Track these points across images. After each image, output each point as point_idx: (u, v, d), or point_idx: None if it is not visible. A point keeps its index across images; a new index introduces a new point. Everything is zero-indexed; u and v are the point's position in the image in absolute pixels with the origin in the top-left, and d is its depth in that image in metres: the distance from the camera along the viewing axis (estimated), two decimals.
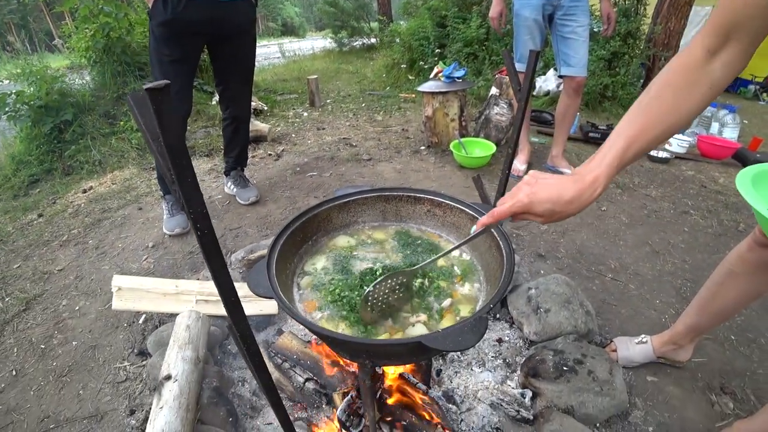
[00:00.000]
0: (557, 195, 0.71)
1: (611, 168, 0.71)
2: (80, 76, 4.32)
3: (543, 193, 0.72)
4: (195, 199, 0.48)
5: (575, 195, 0.71)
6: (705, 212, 2.62)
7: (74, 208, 2.85)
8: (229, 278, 0.55)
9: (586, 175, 0.72)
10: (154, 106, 0.44)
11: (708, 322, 1.37)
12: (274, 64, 8.60)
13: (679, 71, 0.69)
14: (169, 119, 0.45)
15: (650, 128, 0.70)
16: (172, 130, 0.46)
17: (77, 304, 1.95)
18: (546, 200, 0.72)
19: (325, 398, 1.25)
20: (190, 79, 2.20)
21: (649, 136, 0.70)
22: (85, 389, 1.53)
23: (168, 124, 0.45)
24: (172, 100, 0.46)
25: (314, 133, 4.17)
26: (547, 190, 0.72)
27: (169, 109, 0.45)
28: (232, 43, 2.25)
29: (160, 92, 0.44)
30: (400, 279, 0.86)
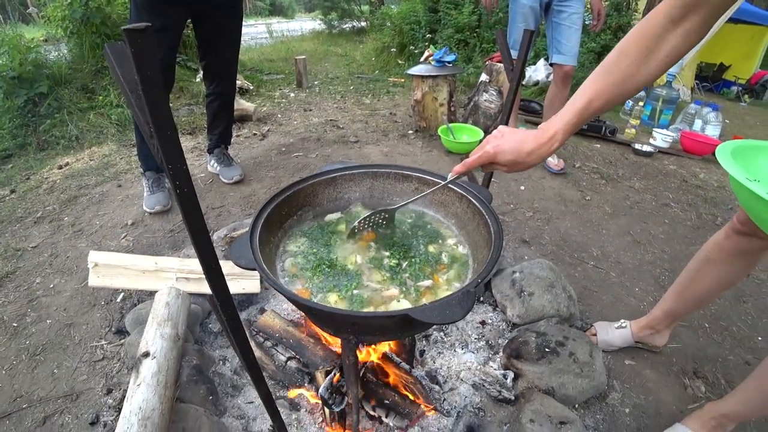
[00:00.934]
0: (519, 146, 0.81)
1: (569, 125, 0.79)
2: (57, 48, 4.13)
3: (507, 146, 0.81)
4: (175, 154, 0.46)
5: (534, 148, 0.80)
6: (685, 205, 2.68)
7: (49, 185, 2.74)
8: (209, 241, 0.53)
9: (547, 130, 0.80)
10: (134, 49, 0.41)
11: (684, 307, 1.40)
12: (261, 44, 8.38)
13: (641, 38, 0.73)
14: (150, 65, 0.42)
15: (609, 90, 0.76)
16: (153, 78, 0.43)
17: (52, 282, 1.88)
18: (509, 151, 0.81)
19: (307, 377, 1.24)
20: (173, 51, 2.11)
21: (607, 97, 0.77)
22: (60, 368, 1.49)
23: (148, 70, 0.42)
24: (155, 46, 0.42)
25: (301, 114, 4.10)
26: (511, 143, 0.81)
27: (150, 53, 0.42)
28: (217, 17, 2.17)
29: (140, 34, 0.41)
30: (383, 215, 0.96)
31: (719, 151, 0.73)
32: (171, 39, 2.06)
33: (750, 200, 0.61)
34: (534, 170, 3.00)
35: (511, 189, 2.73)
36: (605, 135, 3.68)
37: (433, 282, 0.88)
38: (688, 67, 5.30)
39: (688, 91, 5.20)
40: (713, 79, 6.52)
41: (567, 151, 3.40)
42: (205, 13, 2.13)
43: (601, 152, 3.45)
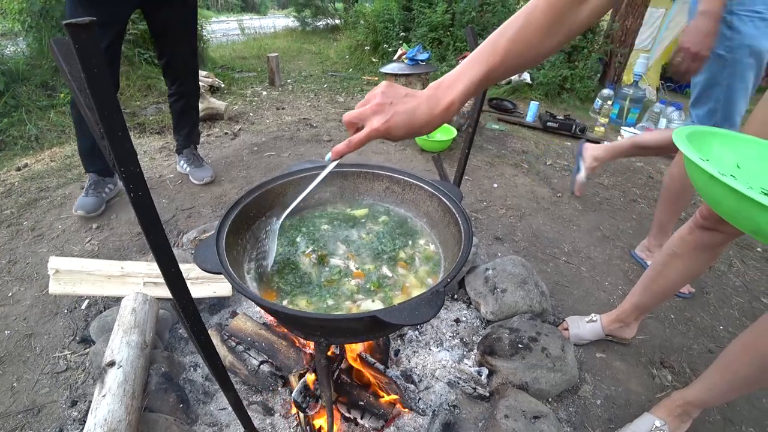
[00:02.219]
0: (411, 119, 0.72)
1: (466, 95, 0.73)
2: (14, 43, 3.92)
3: (397, 120, 0.72)
4: (127, 156, 0.43)
5: (428, 120, 0.73)
6: (651, 201, 2.78)
7: (6, 187, 2.60)
8: (168, 246, 0.51)
9: (441, 98, 0.72)
10: (77, 45, 0.39)
11: (651, 300, 1.46)
12: (233, 41, 8.19)
13: (550, 8, 0.69)
14: (96, 61, 0.40)
15: (510, 60, 0.71)
16: (100, 75, 0.40)
17: (10, 290, 1.79)
18: (401, 126, 0.72)
19: (281, 380, 1.22)
20: (115, 49, 1.96)
21: (507, 67, 0.72)
22: (20, 381, 1.41)
23: (95, 67, 0.40)
24: (98, 44, 0.40)
25: (273, 113, 4.03)
26: (401, 116, 0.72)
27: (96, 49, 0.40)
28: (167, 10, 2.04)
29: (83, 29, 0.39)
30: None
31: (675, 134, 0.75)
32: (111, 35, 1.88)
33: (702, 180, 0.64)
34: (506, 168, 3.05)
35: (483, 186, 2.76)
36: (575, 133, 3.77)
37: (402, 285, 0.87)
38: (653, 68, 5.50)
39: (653, 90, 5.40)
40: (676, 81, 6.78)
41: (539, 149, 3.47)
42: (153, 4, 2.01)
43: (571, 150, 3.53)
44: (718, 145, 0.84)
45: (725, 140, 0.85)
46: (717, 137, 0.84)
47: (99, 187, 2.26)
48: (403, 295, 0.83)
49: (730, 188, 0.57)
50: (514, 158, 3.24)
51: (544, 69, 4.81)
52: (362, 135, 0.74)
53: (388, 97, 0.73)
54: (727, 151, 0.84)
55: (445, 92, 0.72)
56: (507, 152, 3.35)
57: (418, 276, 0.89)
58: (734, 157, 0.83)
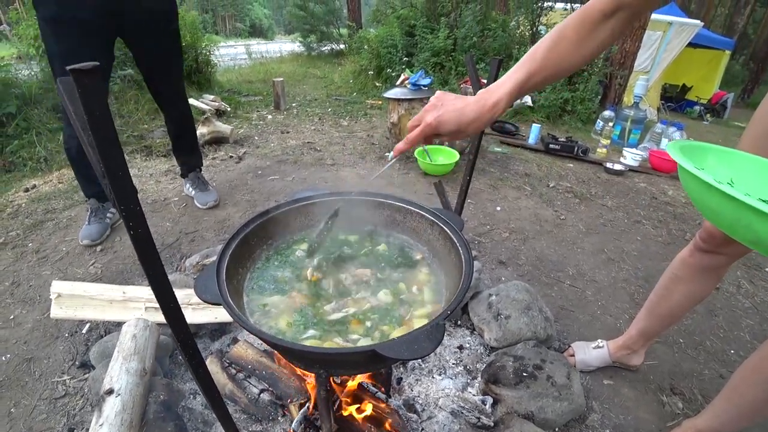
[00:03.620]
0: (461, 115, 0.80)
1: (511, 95, 0.80)
2: (28, 67, 4.03)
3: (448, 116, 0.81)
4: (127, 195, 0.44)
5: (476, 117, 0.80)
6: (656, 222, 2.76)
7: (14, 208, 2.63)
8: (167, 282, 0.51)
9: (488, 98, 0.80)
10: (80, 90, 0.40)
11: (657, 325, 1.43)
12: (240, 65, 8.40)
13: (579, 25, 0.78)
14: (99, 104, 0.41)
15: (548, 67, 0.80)
16: (101, 118, 0.41)
17: (12, 313, 1.78)
18: (451, 122, 0.81)
19: (281, 410, 1.20)
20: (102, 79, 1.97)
21: (545, 74, 0.81)
22: (18, 407, 1.39)
23: (97, 110, 0.41)
24: (101, 86, 0.41)
25: (278, 137, 4.09)
26: (452, 113, 0.81)
27: (97, 93, 0.41)
28: (146, 40, 2.03)
29: (87, 74, 0.40)
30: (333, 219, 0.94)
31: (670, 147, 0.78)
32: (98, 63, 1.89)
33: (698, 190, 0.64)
34: (509, 191, 3.06)
35: (487, 210, 2.76)
36: (578, 155, 3.79)
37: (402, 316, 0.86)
38: (653, 89, 5.57)
39: (654, 111, 5.45)
40: (677, 99, 6.86)
41: (542, 171, 3.49)
42: (131, 35, 1.99)
43: (574, 172, 3.54)
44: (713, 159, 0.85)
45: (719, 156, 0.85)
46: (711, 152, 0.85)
47: (100, 213, 2.27)
48: (404, 327, 0.83)
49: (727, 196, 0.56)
50: (516, 181, 3.25)
51: (546, 92, 4.87)
52: (417, 131, 0.84)
53: (440, 100, 0.83)
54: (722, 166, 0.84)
55: (491, 93, 0.80)
56: (509, 175, 3.36)
57: (418, 306, 0.88)
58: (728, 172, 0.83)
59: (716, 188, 0.57)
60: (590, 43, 0.79)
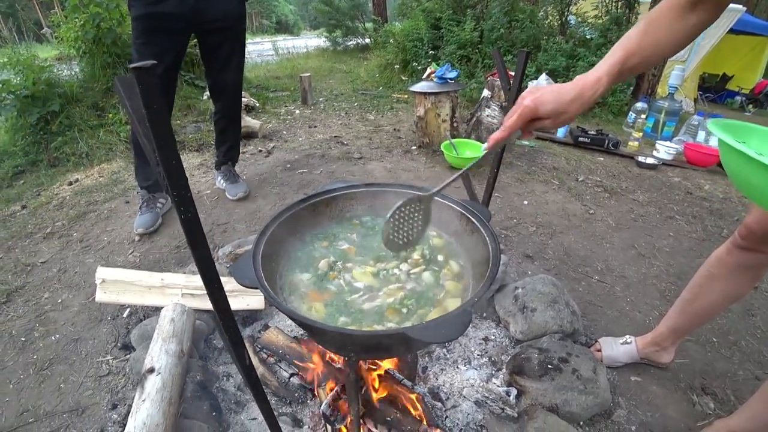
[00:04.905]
0: (559, 96, 0.77)
1: (612, 73, 0.78)
2: (69, 67, 4.24)
3: (546, 96, 0.77)
4: (179, 182, 0.48)
5: (577, 95, 0.77)
6: (690, 218, 2.67)
7: (59, 201, 2.80)
8: (211, 262, 0.55)
9: (588, 76, 0.78)
10: (140, 86, 0.44)
11: (689, 323, 1.39)
12: (267, 61, 8.54)
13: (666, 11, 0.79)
14: (155, 99, 0.45)
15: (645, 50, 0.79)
16: (158, 111, 0.45)
17: (60, 297, 1.91)
18: (550, 101, 0.77)
19: (310, 393, 1.24)
20: (172, 72, 2.16)
21: (642, 56, 0.79)
22: (66, 383, 1.50)
23: (154, 104, 0.45)
24: (159, 83, 0.45)
25: (306, 131, 4.16)
26: (550, 93, 0.78)
27: (155, 89, 0.45)
28: (217, 37, 2.23)
29: (146, 72, 0.44)
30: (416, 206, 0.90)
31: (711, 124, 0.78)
32: (171, 56, 2.10)
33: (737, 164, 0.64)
34: (536, 184, 3.02)
35: (514, 204, 2.74)
36: (608, 148, 3.69)
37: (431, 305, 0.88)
38: (690, 78, 5.33)
39: (691, 102, 5.22)
40: (716, 90, 6.54)
41: (570, 165, 3.42)
42: (205, 33, 2.20)
43: (604, 165, 3.46)
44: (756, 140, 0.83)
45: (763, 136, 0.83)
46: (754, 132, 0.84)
47: (151, 203, 2.41)
48: (433, 314, 0.85)
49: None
50: (544, 175, 3.20)
51: None
52: (515, 116, 0.80)
53: (537, 87, 0.81)
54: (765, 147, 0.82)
55: (591, 73, 0.78)
56: (537, 168, 3.31)
57: (447, 296, 0.90)
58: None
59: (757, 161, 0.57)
60: (681, 27, 0.78)
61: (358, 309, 0.85)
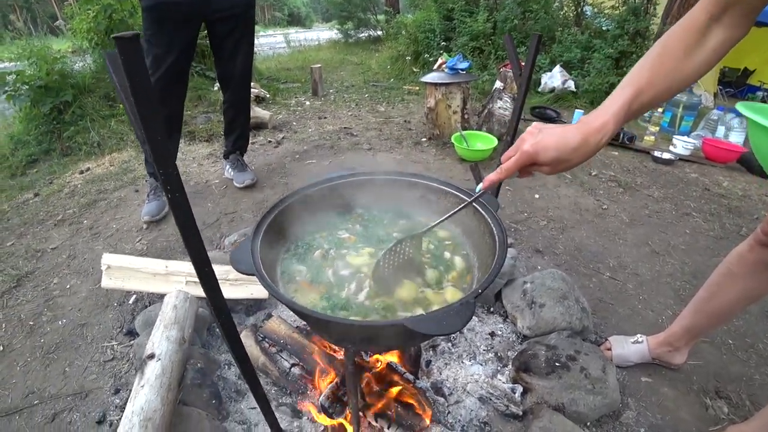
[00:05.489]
0: (562, 142, 0.70)
1: (619, 116, 0.71)
2: (82, 58, 4.28)
3: (547, 141, 0.71)
4: (166, 160, 0.46)
5: (581, 141, 0.70)
6: (707, 215, 2.59)
7: (70, 189, 2.83)
8: (201, 244, 0.53)
9: (592, 121, 0.71)
10: (123, 57, 0.41)
11: (704, 323, 1.34)
12: (279, 53, 8.52)
13: (684, 33, 0.70)
14: (140, 71, 0.42)
15: (657, 84, 0.71)
16: (142, 83, 0.43)
17: (68, 283, 1.93)
18: (551, 147, 0.71)
19: (310, 384, 1.23)
20: (186, 57, 2.17)
21: (655, 90, 0.71)
22: (72, 367, 1.52)
23: (138, 76, 0.43)
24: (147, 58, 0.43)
25: (315, 122, 4.14)
26: (552, 138, 0.71)
27: (139, 61, 0.42)
28: (227, 26, 2.22)
29: (129, 42, 0.41)
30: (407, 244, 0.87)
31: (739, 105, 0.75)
32: (180, 50, 2.10)
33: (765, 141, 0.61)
34: (548, 178, 2.95)
35: (525, 197, 2.68)
36: (623, 142, 3.60)
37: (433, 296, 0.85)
38: (710, 72, 5.17)
39: (710, 96, 5.06)
40: (737, 84, 6.33)
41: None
42: (215, 22, 2.19)
43: (618, 160, 3.37)
44: None
45: None
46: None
47: (159, 191, 2.41)
48: (434, 306, 0.82)
49: None
50: None
51: (590, 76, 4.63)
52: (513, 160, 0.75)
53: (538, 127, 0.75)
54: None
55: (596, 116, 0.71)
56: None
57: (450, 286, 0.87)
58: None
59: None
60: (702, 49, 0.69)
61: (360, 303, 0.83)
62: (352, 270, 0.91)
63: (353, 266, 0.92)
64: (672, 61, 0.70)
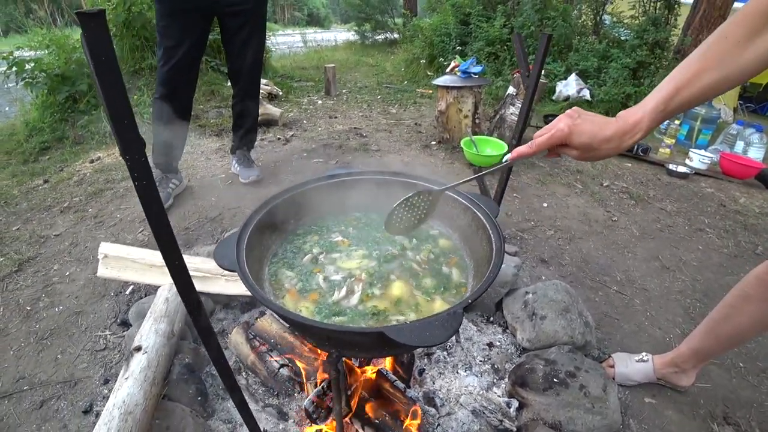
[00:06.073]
0: (598, 129, 0.70)
1: (655, 113, 0.68)
2: None
3: (584, 125, 0.71)
4: (132, 145, 0.43)
5: (614, 134, 0.70)
6: (722, 231, 2.50)
7: (79, 177, 2.85)
8: (172, 235, 0.50)
9: (628, 117, 0.70)
10: (86, 33, 0.39)
11: (715, 346, 1.28)
12: (295, 52, 8.55)
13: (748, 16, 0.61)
14: (104, 49, 0.40)
15: (702, 77, 0.65)
16: (107, 62, 0.40)
17: (68, 270, 1.93)
18: (587, 132, 0.71)
19: (298, 386, 1.20)
20: (197, 50, 2.18)
21: (701, 84, 0.65)
22: (64, 354, 1.51)
23: (103, 54, 0.40)
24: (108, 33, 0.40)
25: (326, 121, 4.12)
26: (589, 123, 0.71)
27: (103, 37, 0.40)
28: (238, 20, 2.22)
29: (92, 18, 0.39)
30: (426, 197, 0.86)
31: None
32: (192, 41, 2.11)
33: None
34: (558, 187, 2.89)
35: (533, 205, 2.63)
36: (637, 154, 3.52)
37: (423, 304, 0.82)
38: None
39: (730, 111, 4.93)
40: (758, 100, 6.16)
41: (596, 169, 3.27)
42: (225, 15, 2.20)
43: (632, 171, 3.29)
44: None
45: None
46: None
47: (164, 183, 2.42)
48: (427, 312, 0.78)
49: None
50: (567, 177, 3.07)
51: (606, 85, 4.55)
52: (546, 135, 0.74)
53: (578, 111, 0.74)
54: None
55: (634, 111, 0.70)
56: (560, 171, 3.17)
57: (441, 294, 0.83)
58: None
59: None
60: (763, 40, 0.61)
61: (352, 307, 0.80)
62: (344, 274, 0.88)
63: (345, 269, 0.89)
64: (730, 46, 0.63)
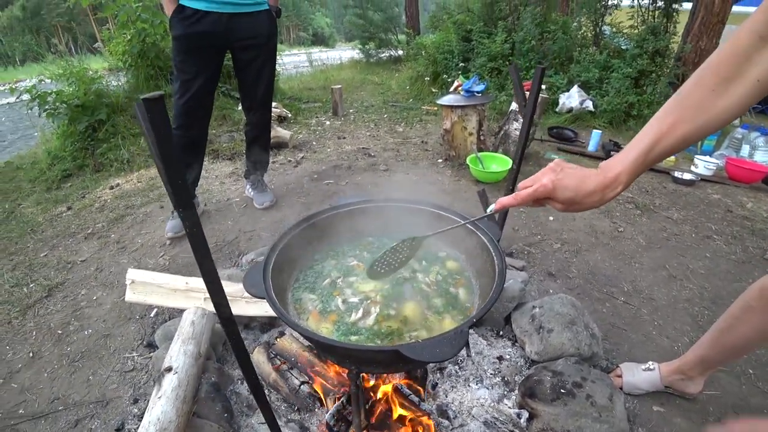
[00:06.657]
0: (580, 183, 0.72)
1: (635, 165, 0.70)
2: (116, 78, 4.54)
3: (567, 180, 0.73)
4: (185, 201, 0.51)
5: (596, 187, 0.71)
6: (729, 238, 2.53)
7: (101, 203, 2.98)
8: (216, 275, 0.58)
9: (608, 170, 0.72)
10: (150, 115, 0.48)
11: (720, 355, 1.30)
12: (301, 72, 8.78)
13: (722, 63, 0.63)
14: (163, 126, 0.49)
15: (682, 126, 0.66)
16: (166, 136, 0.49)
17: (95, 294, 2.03)
18: (570, 188, 0.73)
19: (318, 402, 1.26)
20: (212, 82, 2.29)
21: (678, 134, 0.67)
22: (95, 375, 1.60)
23: (162, 130, 0.49)
24: (174, 113, 0.49)
25: (334, 142, 4.24)
26: (571, 178, 0.73)
27: (163, 117, 0.49)
28: (250, 54, 2.34)
29: (154, 103, 0.48)
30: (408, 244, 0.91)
31: None
32: (206, 76, 2.24)
33: None
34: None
35: (539, 220, 2.68)
36: None
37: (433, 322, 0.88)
38: None
39: None
40: (764, 102, 6.15)
41: None
42: (238, 49, 2.32)
43: (637, 181, 3.31)
44: None
45: None
46: None
47: None
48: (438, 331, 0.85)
49: None
50: None
51: (609, 95, 4.61)
52: (530, 190, 0.76)
53: (559, 165, 0.77)
54: None
55: (614, 164, 0.72)
56: None
57: (448, 313, 0.90)
58: None
59: None
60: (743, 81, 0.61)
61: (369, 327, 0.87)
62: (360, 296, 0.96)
63: (361, 292, 0.96)
64: (703, 96, 0.64)
